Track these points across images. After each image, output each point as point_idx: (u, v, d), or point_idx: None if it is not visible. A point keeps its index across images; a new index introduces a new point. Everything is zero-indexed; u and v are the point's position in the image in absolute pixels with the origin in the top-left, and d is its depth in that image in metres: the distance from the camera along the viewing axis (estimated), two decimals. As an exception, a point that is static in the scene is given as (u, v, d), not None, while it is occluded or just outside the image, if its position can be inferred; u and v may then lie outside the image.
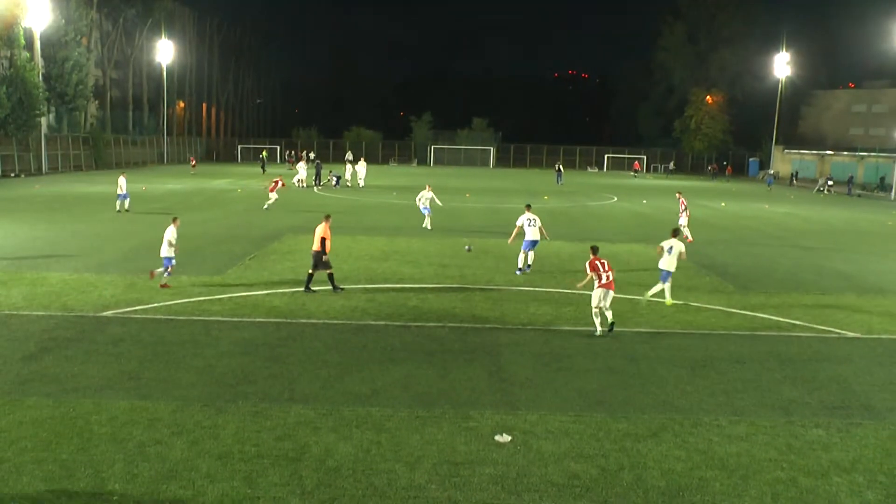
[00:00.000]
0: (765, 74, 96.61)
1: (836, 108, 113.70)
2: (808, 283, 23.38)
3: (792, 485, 9.56)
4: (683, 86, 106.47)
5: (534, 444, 10.35)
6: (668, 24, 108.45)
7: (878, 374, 14.40)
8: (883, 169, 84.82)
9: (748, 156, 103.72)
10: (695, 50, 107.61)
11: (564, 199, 52.03)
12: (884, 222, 45.66)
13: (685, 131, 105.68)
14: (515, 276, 22.53)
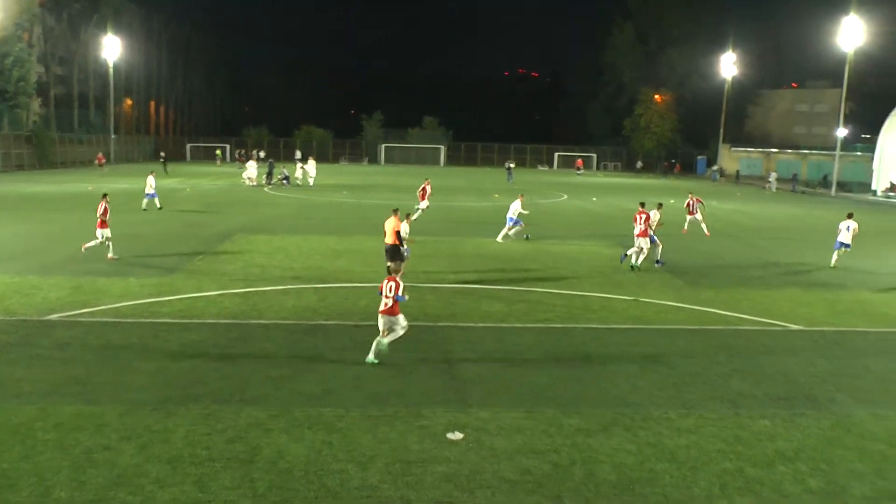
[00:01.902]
0: (712, 74, 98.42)
1: (780, 107, 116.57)
2: (755, 278, 23.87)
3: (739, 475, 9.78)
4: (633, 85, 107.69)
5: (486, 441, 10.42)
6: (618, 25, 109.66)
7: (820, 365, 14.78)
8: (825, 166, 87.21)
9: (696, 154, 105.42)
10: (644, 50, 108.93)
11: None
12: (826, 218, 46.74)
13: (635, 130, 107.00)
14: (467, 274, 22.58)
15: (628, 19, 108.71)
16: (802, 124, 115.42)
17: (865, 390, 13.40)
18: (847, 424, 11.67)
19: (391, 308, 13.83)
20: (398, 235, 20.54)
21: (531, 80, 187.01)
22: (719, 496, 9.19)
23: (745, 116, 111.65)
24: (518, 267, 24.15)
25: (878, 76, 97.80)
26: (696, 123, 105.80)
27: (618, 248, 29.28)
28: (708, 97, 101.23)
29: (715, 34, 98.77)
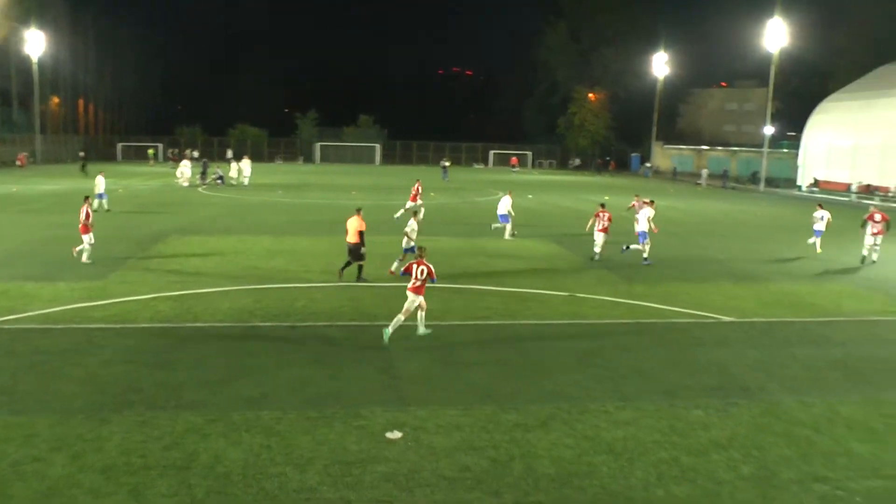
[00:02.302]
0: (645, 73, 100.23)
1: (711, 105, 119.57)
2: (689, 272, 24.41)
3: (675, 464, 10.03)
4: (567, 84, 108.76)
5: (425, 440, 10.47)
6: (551, 24, 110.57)
7: (751, 355, 15.26)
8: (754, 163, 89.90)
9: (630, 151, 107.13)
10: (577, 49, 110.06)
11: (451, 196, 52.54)
12: (755, 213, 48.11)
13: (569, 128, 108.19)
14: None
15: (561, 18, 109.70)
16: (732, 122, 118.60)
17: (793, 378, 13.88)
18: (776, 412, 12.08)
19: (419, 287, 15.11)
20: (361, 235, 20.76)
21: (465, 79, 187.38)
22: (656, 485, 9.41)
23: (676, 115, 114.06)
24: (455, 264, 24.24)
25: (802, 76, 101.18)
26: (629, 121, 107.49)
27: (554, 244, 29.73)
28: (641, 96, 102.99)
29: (647, 34, 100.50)
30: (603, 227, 25.96)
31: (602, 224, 26.00)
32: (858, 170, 68.62)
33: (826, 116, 75.42)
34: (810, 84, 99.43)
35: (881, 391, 13.39)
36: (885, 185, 64.65)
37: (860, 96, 72.76)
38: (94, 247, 23.25)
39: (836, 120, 73.60)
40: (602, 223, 26.02)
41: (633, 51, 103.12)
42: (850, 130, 70.94)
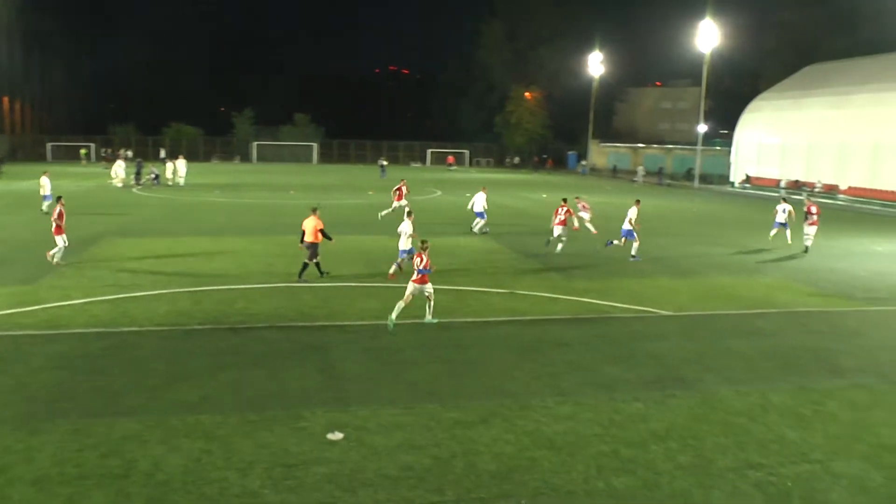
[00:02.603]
0: (581, 72, 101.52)
1: (646, 104, 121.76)
2: (626, 267, 24.79)
3: (615, 456, 10.20)
4: (504, 82, 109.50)
5: (366, 439, 10.45)
6: (487, 23, 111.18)
7: (688, 348, 15.61)
8: (688, 160, 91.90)
9: (567, 149, 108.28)
10: (513, 48, 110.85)
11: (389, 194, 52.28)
12: (690, 209, 49.10)
13: (506, 126, 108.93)
14: (343, 272, 22.47)
15: (497, 18, 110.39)
16: (666, 121, 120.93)
17: (728, 369, 14.25)
18: (713, 402, 12.39)
19: (421, 278, 16.35)
20: (322, 233, 21.21)
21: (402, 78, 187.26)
22: (596, 478, 9.56)
23: (612, 113, 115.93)
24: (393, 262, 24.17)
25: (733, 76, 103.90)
26: (566, 120, 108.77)
27: (493, 241, 29.87)
28: (577, 94, 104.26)
29: (582, 34, 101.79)
30: (560, 221, 27.57)
31: (559, 218, 27.63)
32: (787, 166, 70.68)
33: (756, 115, 77.50)
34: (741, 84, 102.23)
35: (810, 379, 13.83)
36: (812, 180, 66.64)
37: (788, 96, 74.96)
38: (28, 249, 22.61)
39: (766, 119, 75.69)
40: (559, 217, 27.67)
41: (569, 50, 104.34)
42: (779, 129, 73.01)
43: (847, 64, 74.39)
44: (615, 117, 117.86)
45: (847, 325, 18.28)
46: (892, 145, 58.84)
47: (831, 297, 21.69)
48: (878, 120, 60.91)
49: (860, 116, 63.34)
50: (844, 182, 63.66)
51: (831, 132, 65.60)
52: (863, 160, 61.86)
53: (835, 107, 67.13)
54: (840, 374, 14.23)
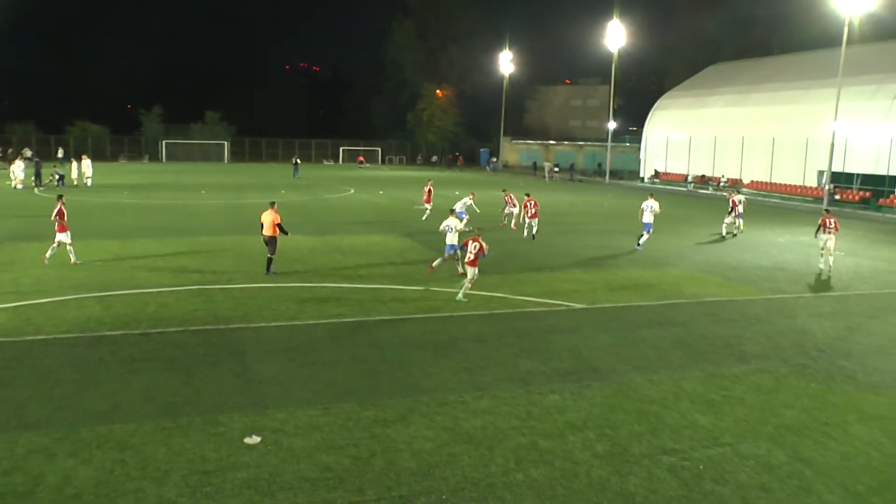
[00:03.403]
0: (492, 70, 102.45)
1: (556, 102, 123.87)
2: (539, 262, 25.14)
3: (533, 448, 10.33)
4: (415, 80, 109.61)
5: (285, 442, 10.31)
6: (398, 21, 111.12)
7: (602, 339, 15.95)
8: (599, 156, 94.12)
9: (479, 146, 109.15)
10: (425, 46, 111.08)
11: (302, 193, 51.87)
12: (601, 203, 50.09)
13: (418, 124, 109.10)
14: (257, 273, 22.12)
15: (408, 16, 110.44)
16: (577, 118, 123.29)
17: (641, 358, 14.62)
18: (627, 391, 12.70)
19: (473, 261, 18.96)
20: (279, 227, 21.68)
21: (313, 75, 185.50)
22: (515, 470, 9.67)
23: (523, 111, 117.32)
24: (308, 262, 23.99)
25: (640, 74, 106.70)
26: (478, 117, 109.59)
27: (407, 239, 29.86)
28: (488, 92, 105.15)
29: (492, 33, 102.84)
30: (532, 214, 30.54)
31: (531, 211, 30.57)
32: (694, 162, 72.96)
33: (664, 112, 79.78)
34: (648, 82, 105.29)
35: (718, 366, 14.31)
36: (717, 175, 68.97)
37: (693, 94, 77.45)
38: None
39: (673, 116, 77.98)
40: (531, 210, 30.57)
41: (479, 48, 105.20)
42: (686, 125, 75.34)
43: (747, 64, 77.37)
44: (526, 115, 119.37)
45: (753, 313, 18.99)
46: (789, 141, 61.43)
47: (738, 286, 22.48)
48: (776, 117, 63.60)
49: (760, 114, 66.00)
50: (747, 176, 66.07)
51: (734, 128, 68.06)
52: (763, 155, 64.39)
53: (736, 104, 69.71)
54: (746, 360, 14.78)
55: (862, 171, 55.00)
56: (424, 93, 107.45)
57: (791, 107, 62.58)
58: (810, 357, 15.19)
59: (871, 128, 54.26)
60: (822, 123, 55.11)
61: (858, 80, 54.45)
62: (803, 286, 22.96)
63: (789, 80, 65.70)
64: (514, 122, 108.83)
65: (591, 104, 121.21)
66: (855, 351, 15.80)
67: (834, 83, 50.82)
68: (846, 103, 51.31)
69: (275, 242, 21.86)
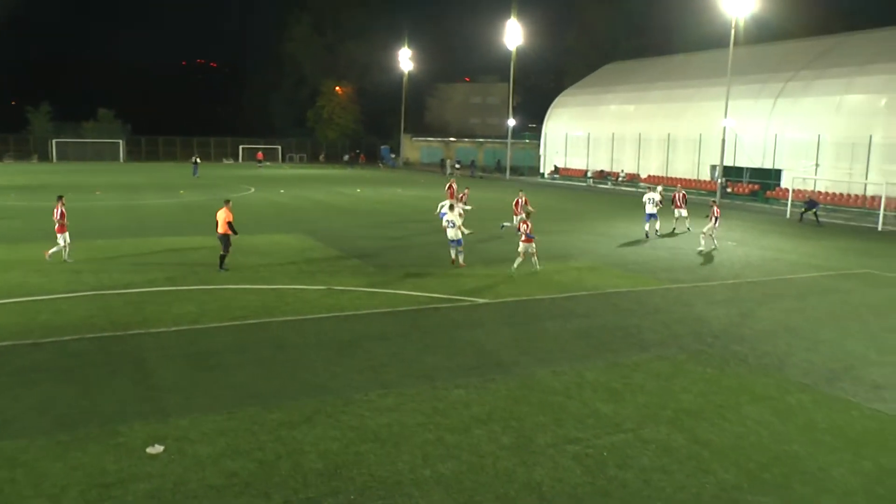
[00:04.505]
0: (391, 67, 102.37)
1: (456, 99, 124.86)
2: (442, 259, 25.22)
3: (440, 443, 10.38)
4: (314, 77, 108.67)
5: (188, 450, 10.06)
6: (296, 16, 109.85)
7: (505, 333, 16.16)
8: (499, 153, 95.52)
9: (380, 144, 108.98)
10: (323, 42, 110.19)
11: (202, 193, 50.70)
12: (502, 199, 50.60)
13: (318, 121, 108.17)
14: (155, 276, 21.53)
15: (305, 11, 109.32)
16: (477, 115, 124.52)
17: (544, 350, 14.89)
18: (531, 383, 12.90)
19: (528, 239, 22.76)
20: (230, 225, 22.21)
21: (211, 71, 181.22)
22: (422, 466, 9.70)
23: (424, 108, 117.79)
24: (209, 264, 23.45)
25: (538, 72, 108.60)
26: (378, 114, 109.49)
27: (309, 238, 29.55)
28: (388, 89, 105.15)
29: (390, 29, 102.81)
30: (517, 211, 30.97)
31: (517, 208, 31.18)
32: (593, 158, 74.72)
33: (562, 110, 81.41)
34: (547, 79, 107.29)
35: (619, 355, 14.71)
36: (616, 171, 70.82)
37: (591, 91, 79.31)
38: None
39: (572, 113, 79.68)
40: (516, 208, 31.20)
41: (378, 45, 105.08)
42: (584, 122, 77.09)
43: (642, 63, 79.74)
44: (427, 112, 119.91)
45: (651, 303, 19.59)
46: (684, 137, 63.72)
47: (637, 277, 23.14)
48: (671, 114, 65.83)
49: (655, 111, 68.17)
50: (644, 171, 68.03)
51: (631, 125, 70.10)
52: (659, 151, 66.53)
53: (633, 102, 71.79)
54: (646, 349, 15.24)
55: (750, 165, 57.51)
56: (324, 90, 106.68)
57: (685, 104, 64.82)
58: (706, 343, 15.79)
59: (757, 124, 56.72)
60: (713, 120, 57.26)
61: (745, 80, 56.94)
62: (699, 275, 23.81)
63: (682, 79, 68.03)
64: (414, 119, 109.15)
65: (491, 101, 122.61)
66: (747, 336, 16.50)
67: (723, 82, 52.87)
68: (735, 101, 53.62)
69: (227, 240, 22.32)
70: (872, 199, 45.85)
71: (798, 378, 13.71)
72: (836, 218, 44.20)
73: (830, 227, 39.72)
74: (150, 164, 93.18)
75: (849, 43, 57.64)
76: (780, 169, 55.00)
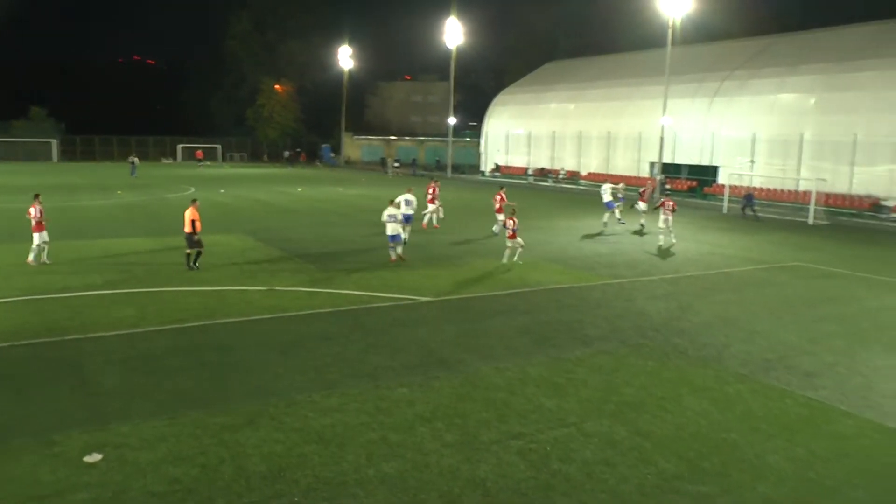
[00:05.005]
0: (331, 66, 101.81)
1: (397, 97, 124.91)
2: (385, 257, 25.14)
3: (383, 443, 10.36)
4: (254, 75, 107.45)
5: (129, 457, 9.84)
6: (236, 14, 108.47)
7: (448, 331, 16.21)
8: (440, 151, 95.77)
9: (321, 143, 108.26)
10: (263, 40, 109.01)
11: (141, 193, 49.75)
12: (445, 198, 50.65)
13: (259, 120, 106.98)
14: (93, 279, 21.05)
15: (245, 8, 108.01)
16: (418, 113, 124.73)
17: (487, 347, 14.98)
18: (474, 380, 12.97)
19: (513, 235, 24.24)
20: (193, 224, 22.29)
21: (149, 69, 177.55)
22: (367, 466, 9.67)
23: (364, 106, 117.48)
24: (148, 266, 23.06)
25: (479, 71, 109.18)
26: (318, 113, 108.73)
27: (250, 238, 29.24)
28: (329, 88, 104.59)
29: (330, 27, 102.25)
30: (498, 208, 31.32)
31: (497, 205, 31.49)
32: (534, 155, 75.35)
33: (503, 108, 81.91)
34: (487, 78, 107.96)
35: (562, 350, 14.88)
36: (556, 168, 71.53)
37: (531, 90, 79.93)
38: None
39: (512, 111, 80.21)
40: (497, 204, 31.55)
41: (318, 43, 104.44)
42: (525, 120, 77.69)
43: (582, 62, 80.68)
44: (367, 110, 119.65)
45: (593, 298, 19.85)
46: (623, 135, 64.67)
47: (579, 273, 23.43)
48: (610, 112, 66.74)
49: (595, 109, 69.04)
50: (585, 168, 68.81)
51: (571, 123, 70.86)
52: (599, 149, 67.38)
53: (573, 100, 72.58)
54: (588, 343, 15.44)
55: (689, 162, 58.63)
56: (264, 88, 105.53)
57: (624, 103, 65.75)
58: (647, 337, 16.07)
59: (695, 123, 57.88)
60: (652, 118, 58.20)
61: (683, 79, 58.03)
62: (640, 270, 24.19)
63: (621, 78, 68.99)
64: (355, 117, 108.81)
65: (432, 100, 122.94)
66: (686, 329, 16.85)
67: (662, 81, 53.76)
68: (673, 100, 54.57)
69: (191, 237, 22.46)
70: (804, 194, 47.17)
71: (736, 368, 14.07)
72: (771, 213, 45.37)
73: (765, 221, 40.76)
74: (86, 164, 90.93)
75: (780, 44, 59.21)
76: (717, 166, 56.21)
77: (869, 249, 31.37)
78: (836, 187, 47.02)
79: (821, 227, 39.55)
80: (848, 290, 22.03)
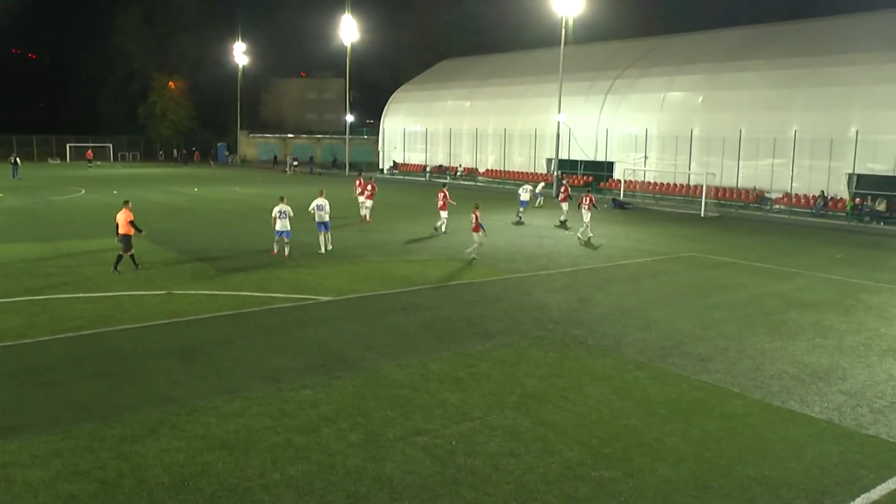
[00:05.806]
0: (225, 62, 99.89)
1: (292, 94, 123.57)
2: (280, 259, 24.82)
3: (288, 446, 10.25)
4: (145, 71, 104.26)
5: (18, 476, 9.34)
6: (123, 6, 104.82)
7: (349, 330, 16.18)
8: (337, 149, 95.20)
9: (216, 141, 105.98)
10: (153, 34, 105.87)
11: (25, 195, 47.58)
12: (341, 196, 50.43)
13: (150, 118, 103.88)
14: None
15: (133, 2, 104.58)
16: (313, 111, 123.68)
17: (389, 345, 15.02)
18: (377, 378, 12.98)
19: (475, 227, 25.03)
20: (133, 224, 22.24)
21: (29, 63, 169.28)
22: (272, 470, 9.55)
23: (259, 104, 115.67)
24: (36, 272, 22.10)
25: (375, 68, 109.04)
26: (213, 111, 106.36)
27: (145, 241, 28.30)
28: (223, 84, 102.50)
29: (223, 22, 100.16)
30: (442, 205, 31.69)
31: (440, 203, 31.81)
32: (431, 153, 75.74)
33: (400, 105, 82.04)
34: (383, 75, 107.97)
35: (464, 345, 15.05)
36: (454, 165, 72.07)
37: (427, 87, 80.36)
38: None
39: (409, 109, 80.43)
40: (440, 202, 31.85)
41: (210, 38, 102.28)
42: (422, 118, 78.02)
43: (477, 60, 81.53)
44: (262, 108, 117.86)
45: (493, 293, 20.14)
46: (519, 132, 65.72)
47: (479, 268, 23.70)
48: (506, 110, 67.76)
49: (490, 107, 69.95)
50: (482, 165, 69.58)
51: (467, 120, 71.55)
52: (496, 146, 68.27)
53: (468, 98, 73.34)
54: (490, 337, 15.67)
55: (584, 158, 60.05)
56: (155, 84, 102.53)
57: (519, 100, 66.82)
58: (547, 329, 16.42)
59: (589, 120, 59.33)
60: (547, 116, 59.42)
61: (576, 77, 59.38)
62: (538, 265, 24.66)
63: (516, 76, 70.09)
64: (250, 115, 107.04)
65: (328, 97, 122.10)
66: (585, 320, 17.30)
67: (556, 79, 54.88)
68: (568, 98, 55.81)
69: (128, 240, 22.28)
70: (695, 188, 49.07)
71: (634, 356, 14.54)
72: (664, 206, 46.95)
73: (659, 214, 42.14)
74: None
75: (668, 44, 61.35)
76: (612, 161, 57.78)
77: (755, 239, 32.92)
78: (725, 181, 49.07)
79: (711, 218, 41.25)
80: (736, 278, 23.06)
